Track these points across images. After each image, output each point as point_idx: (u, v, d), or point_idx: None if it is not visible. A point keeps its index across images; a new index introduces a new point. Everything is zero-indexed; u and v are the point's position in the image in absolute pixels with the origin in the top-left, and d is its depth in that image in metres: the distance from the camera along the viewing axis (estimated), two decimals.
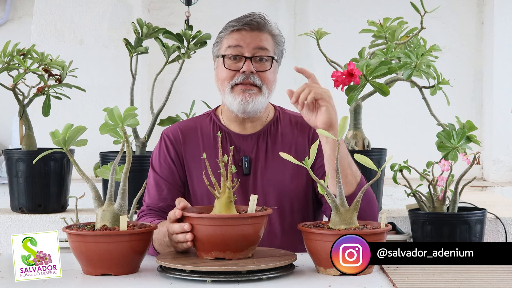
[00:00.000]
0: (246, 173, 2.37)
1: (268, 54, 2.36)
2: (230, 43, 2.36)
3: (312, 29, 3.13)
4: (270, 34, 2.39)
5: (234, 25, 2.37)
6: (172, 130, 2.45)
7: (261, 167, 2.38)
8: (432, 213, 2.71)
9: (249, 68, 2.33)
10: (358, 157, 1.99)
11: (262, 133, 2.42)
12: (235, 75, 2.34)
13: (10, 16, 4.84)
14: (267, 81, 2.36)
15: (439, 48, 2.78)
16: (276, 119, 2.45)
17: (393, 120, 4.77)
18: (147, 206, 2.37)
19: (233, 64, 2.35)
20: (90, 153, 3.93)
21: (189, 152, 2.39)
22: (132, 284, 1.87)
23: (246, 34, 2.36)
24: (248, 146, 2.40)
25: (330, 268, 1.92)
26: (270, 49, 2.37)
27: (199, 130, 2.43)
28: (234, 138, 2.40)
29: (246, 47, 2.34)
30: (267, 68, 2.36)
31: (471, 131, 2.72)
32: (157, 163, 2.41)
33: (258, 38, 2.36)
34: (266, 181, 2.36)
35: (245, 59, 2.34)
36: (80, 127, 1.96)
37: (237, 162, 2.38)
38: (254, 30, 2.37)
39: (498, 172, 4.62)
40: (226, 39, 2.38)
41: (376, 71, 2.36)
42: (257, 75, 2.34)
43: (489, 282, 1.88)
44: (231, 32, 2.37)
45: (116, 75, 4.35)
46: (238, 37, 2.36)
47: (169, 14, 4.80)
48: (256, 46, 2.35)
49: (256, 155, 2.38)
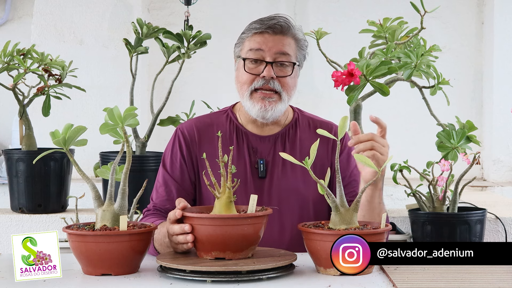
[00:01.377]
0: (261, 176, 2.35)
1: (289, 60, 2.31)
2: (252, 46, 2.31)
3: (312, 29, 3.13)
4: (293, 38, 2.34)
5: (258, 28, 2.32)
6: (188, 127, 2.39)
7: (277, 171, 2.34)
8: (432, 213, 2.71)
9: (270, 74, 2.28)
10: (358, 157, 1.99)
11: (280, 136, 2.38)
12: (255, 79, 2.30)
13: (10, 16, 4.84)
14: (287, 86, 2.31)
15: (439, 48, 2.78)
16: (295, 122, 2.41)
17: (393, 120, 4.76)
18: (153, 206, 2.35)
19: (254, 68, 2.31)
20: (90, 153, 3.93)
21: (204, 151, 2.35)
22: (132, 284, 1.87)
23: (268, 38, 2.31)
24: (265, 148, 2.36)
25: (330, 268, 1.92)
26: (292, 54, 2.32)
27: (215, 128, 2.38)
28: (251, 138, 2.37)
29: (268, 51, 2.30)
30: (288, 73, 2.31)
31: (471, 131, 2.72)
32: (168, 160, 2.37)
33: (280, 43, 2.31)
34: (283, 186, 2.33)
35: (266, 63, 2.29)
36: (80, 127, 1.96)
37: (253, 163, 2.35)
38: (277, 34, 2.31)
39: (498, 172, 4.62)
40: (248, 41, 2.33)
41: (376, 71, 2.36)
42: (277, 80, 2.29)
43: (489, 282, 1.88)
44: (253, 35, 2.32)
45: (116, 75, 4.35)
46: (260, 40, 2.31)
47: (169, 14, 4.80)
48: (278, 51, 2.30)
49: (272, 158, 2.35)
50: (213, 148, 2.34)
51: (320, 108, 4.50)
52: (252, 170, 2.34)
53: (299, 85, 2.37)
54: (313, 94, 4.73)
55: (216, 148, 2.32)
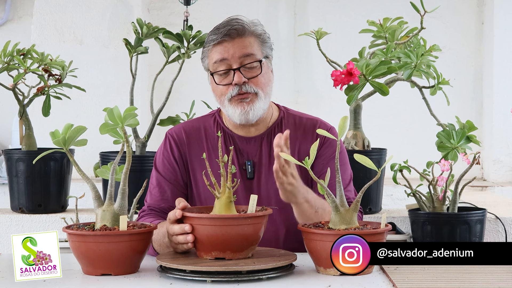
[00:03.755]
0: (250, 177, 2.36)
1: (255, 59, 2.31)
2: (215, 58, 2.32)
3: (312, 29, 3.14)
4: (252, 36, 2.34)
5: (215, 38, 2.32)
6: (176, 130, 2.43)
7: (264, 172, 2.36)
8: (432, 213, 2.71)
9: (240, 80, 2.29)
10: (358, 157, 1.99)
11: (266, 136, 2.39)
12: (229, 88, 2.31)
13: (10, 16, 4.84)
14: (261, 85, 2.32)
15: (439, 48, 2.78)
16: (281, 120, 2.42)
17: (393, 120, 4.77)
18: (148, 206, 2.37)
19: (224, 79, 2.32)
20: (90, 153, 3.93)
21: (193, 153, 2.38)
22: (132, 284, 1.87)
23: (228, 45, 2.31)
24: (251, 149, 2.38)
25: (330, 268, 1.92)
26: (256, 52, 2.32)
27: (203, 131, 2.41)
28: (237, 140, 2.38)
29: (231, 58, 2.30)
30: (257, 73, 2.32)
31: (471, 131, 2.72)
32: (160, 163, 2.40)
33: (241, 46, 2.31)
34: (270, 186, 2.34)
35: (234, 71, 2.30)
36: (80, 127, 1.96)
37: (241, 165, 2.37)
38: (234, 38, 2.31)
39: (498, 172, 4.62)
40: (210, 54, 2.34)
41: (376, 70, 2.36)
42: (250, 82, 2.30)
43: (489, 282, 1.88)
44: (213, 46, 2.33)
45: (116, 75, 4.35)
46: (221, 50, 2.31)
47: (169, 14, 4.80)
48: (241, 54, 2.30)
49: (259, 159, 2.37)
50: (202, 150, 2.36)
51: (320, 108, 4.50)
52: (241, 171, 2.35)
53: (299, 85, 2.38)
54: (313, 94, 4.73)
55: (204, 150, 2.34)
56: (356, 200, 1.97)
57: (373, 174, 2.20)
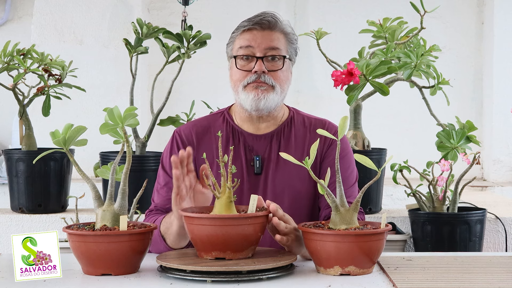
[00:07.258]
0: (257, 172, 2.36)
1: (279, 53, 2.34)
2: (242, 44, 2.35)
3: (312, 29, 3.14)
4: (282, 32, 2.37)
5: (245, 25, 2.36)
6: (185, 130, 2.42)
7: (272, 167, 2.36)
8: (432, 213, 2.71)
9: (261, 68, 2.31)
10: (358, 157, 1.99)
11: (275, 134, 2.39)
12: (248, 75, 2.33)
13: (10, 16, 4.84)
14: (279, 80, 2.34)
15: (439, 48, 2.78)
16: (290, 120, 2.42)
17: (393, 120, 4.77)
18: (155, 206, 2.36)
19: (245, 64, 2.34)
20: (90, 153, 3.93)
21: (201, 153, 2.37)
22: (132, 284, 1.87)
23: (257, 34, 2.35)
24: (261, 146, 2.38)
25: (330, 268, 1.92)
26: (282, 48, 2.35)
27: (212, 130, 2.41)
28: (247, 138, 2.38)
29: (257, 47, 2.33)
30: (279, 67, 2.34)
31: (471, 131, 2.72)
32: (167, 163, 2.38)
33: (269, 38, 2.34)
34: (277, 182, 2.34)
35: (256, 59, 2.32)
36: (80, 127, 1.96)
37: (249, 161, 2.37)
38: (265, 29, 2.35)
39: (498, 172, 4.62)
40: (238, 40, 2.37)
41: (376, 70, 2.36)
42: (269, 74, 2.32)
43: (489, 282, 1.88)
44: (242, 32, 2.36)
45: (116, 75, 4.35)
46: (249, 37, 2.35)
47: (169, 14, 4.80)
48: (268, 46, 2.33)
49: (268, 155, 2.37)
50: (210, 150, 2.36)
51: (320, 108, 4.50)
52: (248, 167, 2.35)
53: (299, 85, 2.38)
54: (313, 94, 4.73)
55: (213, 150, 2.34)
56: (356, 200, 1.97)
57: (373, 174, 2.20)
